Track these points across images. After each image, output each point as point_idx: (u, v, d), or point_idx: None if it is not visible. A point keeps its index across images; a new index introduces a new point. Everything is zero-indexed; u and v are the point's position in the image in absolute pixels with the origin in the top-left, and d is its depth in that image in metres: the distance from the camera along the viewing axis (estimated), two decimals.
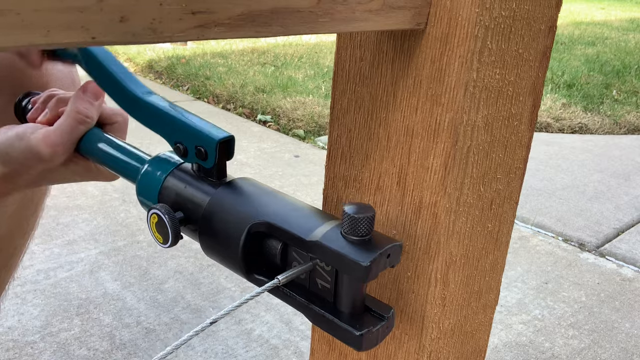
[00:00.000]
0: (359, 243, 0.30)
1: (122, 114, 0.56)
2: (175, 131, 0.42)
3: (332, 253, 0.30)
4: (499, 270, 0.43)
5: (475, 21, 0.27)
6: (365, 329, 0.31)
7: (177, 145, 0.42)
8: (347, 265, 0.29)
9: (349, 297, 0.32)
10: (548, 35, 0.32)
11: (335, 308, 0.33)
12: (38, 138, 0.49)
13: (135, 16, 0.19)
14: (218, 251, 0.38)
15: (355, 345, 0.31)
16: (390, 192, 0.35)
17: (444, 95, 0.30)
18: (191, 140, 0.41)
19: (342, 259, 0.29)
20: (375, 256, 0.29)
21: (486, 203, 0.36)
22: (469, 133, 0.31)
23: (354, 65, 0.34)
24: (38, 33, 0.18)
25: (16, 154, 0.50)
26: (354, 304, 0.32)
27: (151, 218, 0.40)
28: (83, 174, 0.54)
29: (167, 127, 0.43)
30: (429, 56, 0.30)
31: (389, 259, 0.30)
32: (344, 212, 0.30)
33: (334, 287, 0.33)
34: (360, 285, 0.32)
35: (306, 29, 0.24)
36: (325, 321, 0.32)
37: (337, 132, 0.38)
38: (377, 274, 0.30)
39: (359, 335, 0.31)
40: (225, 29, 0.22)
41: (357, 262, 0.29)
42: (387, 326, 0.33)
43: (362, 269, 0.29)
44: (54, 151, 0.50)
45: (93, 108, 0.52)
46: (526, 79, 0.33)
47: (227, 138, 0.40)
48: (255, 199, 0.37)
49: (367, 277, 0.29)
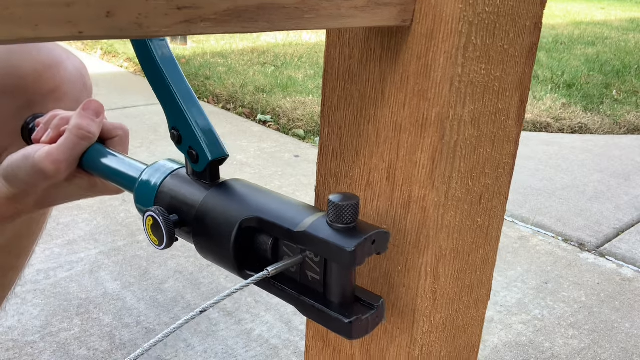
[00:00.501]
0: (344, 230, 0.31)
1: (123, 127, 0.58)
2: (177, 118, 0.43)
3: (319, 241, 0.31)
4: (490, 265, 0.43)
5: (459, 17, 0.28)
6: (354, 317, 0.32)
7: (172, 131, 0.43)
8: (333, 252, 0.30)
9: (338, 286, 0.33)
10: (534, 31, 0.33)
11: (326, 299, 0.33)
12: (42, 156, 0.51)
13: (121, 11, 0.19)
14: (211, 250, 0.39)
15: (345, 333, 0.32)
16: (380, 187, 0.36)
17: (430, 90, 0.30)
18: (188, 138, 0.42)
19: (328, 246, 0.30)
20: (359, 241, 0.30)
21: (475, 197, 0.36)
22: (456, 128, 0.31)
23: (343, 63, 0.35)
24: (27, 27, 0.18)
25: (23, 174, 0.52)
26: (344, 293, 0.33)
27: (147, 221, 0.41)
28: (89, 189, 0.55)
29: (172, 110, 0.43)
30: (415, 52, 0.30)
31: (374, 245, 0.31)
32: (329, 201, 0.31)
33: (323, 278, 0.33)
34: (348, 274, 0.33)
35: (292, 25, 0.25)
36: (316, 312, 0.33)
37: (328, 129, 0.38)
38: (364, 260, 0.30)
39: (348, 323, 0.31)
40: (212, 24, 0.22)
41: (342, 248, 0.29)
42: (377, 315, 0.33)
43: (348, 254, 0.29)
44: (57, 168, 0.51)
45: (94, 124, 0.53)
46: (512, 75, 0.33)
47: (221, 158, 0.42)
48: (245, 197, 0.38)
49: (353, 262, 0.30)
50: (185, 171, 0.44)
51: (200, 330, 1.13)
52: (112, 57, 3.85)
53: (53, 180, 0.52)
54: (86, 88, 0.72)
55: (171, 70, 0.44)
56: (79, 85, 0.70)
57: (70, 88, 0.69)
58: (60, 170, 0.51)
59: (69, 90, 0.69)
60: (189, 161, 0.43)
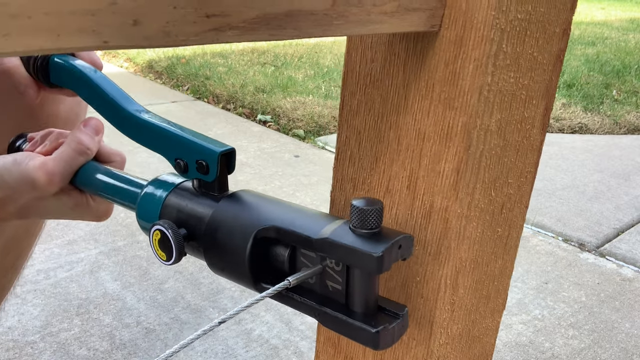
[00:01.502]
0: (368, 236, 0.30)
1: (120, 154, 0.56)
2: (174, 147, 0.42)
3: (343, 248, 0.30)
4: (507, 274, 0.42)
5: (491, 24, 0.27)
6: (381, 326, 0.31)
7: (177, 162, 0.42)
8: (358, 258, 0.29)
9: (362, 295, 0.32)
10: (562, 38, 0.32)
11: (348, 309, 0.32)
12: (35, 165, 0.49)
13: (149, 19, 0.18)
14: (224, 263, 0.37)
15: (372, 344, 0.31)
16: (400, 195, 0.35)
17: (457, 99, 0.29)
18: (192, 155, 0.41)
19: (353, 252, 0.29)
20: (387, 246, 0.28)
21: (497, 207, 0.35)
22: (482, 137, 0.30)
23: (365, 67, 0.34)
24: (48, 37, 0.17)
25: (11, 179, 0.49)
26: (367, 303, 0.32)
27: (154, 235, 0.39)
28: (72, 208, 0.53)
29: (166, 144, 0.43)
30: (442, 59, 0.29)
31: (400, 250, 0.30)
32: (352, 206, 0.30)
33: (345, 288, 0.32)
34: (372, 282, 0.31)
35: (320, 32, 0.24)
36: (339, 322, 0.32)
37: (346, 133, 0.37)
38: (390, 265, 0.29)
39: (375, 333, 0.30)
40: (240, 32, 0.21)
41: (369, 253, 0.28)
42: (402, 325, 0.32)
43: (375, 259, 0.28)
44: (50, 180, 0.49)
45: (93, 141, 0.51)
46: (540, 83, 0.32)
47: (228, 150, 0.41)
48: (259, 206, 0.37)
49: (380, 268, 0.28)
50: (191, 184, 0.42)
51: None
52: (112, 57, 3.82)
53: (41, 192, 0.49)
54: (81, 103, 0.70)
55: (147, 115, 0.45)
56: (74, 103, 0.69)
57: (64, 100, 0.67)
58: (53, 182, 0.49)
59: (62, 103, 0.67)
60: (199, 175, 0.41)
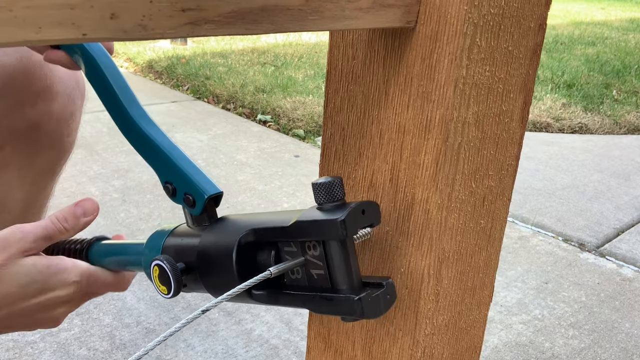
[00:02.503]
0: (333, 208, 0.31)
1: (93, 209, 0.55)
2: (168, 171, 0.44)
3: (311, 225, 0.31)
4: (492, 267, 0.43)
5: (464, 18, 0.27)
6: (363, 293, 0.31)
7: (166, 185, 0.45)
8: (325, 228, 0.30)
9: (342, 270, 0.32)
10: (538, 32, 0.33)
11: (335, 289, 0.33)
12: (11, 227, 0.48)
13: (126, 13, 0.19)
14: (218, 278, 0.39)
15: (357, 312, 0.31)
16: (383, 189, 0.36)
17: (434, 92, 0.30)
18: (182, 186, 0.44)
19: (320, 225, 0.31)
20: (349, 210, 0.30)
21: (478, 199, 0.36)
22: (460, 129, 0.31)
23: (347, 64, 0.35)
24: (30, 29, 0.18)
25: None
26: (349, 275, 0.32)
27: (153, 272, 0.41)
28: None
29: (161, 165, 0.45)
30: (419, 54, 0.30)
31: (365, 216, 0.31)
32: (312, 185, 0.31)
33: (327, 270, 0.33)
34: (348, 253, 0.32)
35: (296, 27, 0.25)
36: (327, 303, 0.33)
37: (331, 130, 0.38)
38: (356, 230, 0.31)
39: (357, 300, 0.31)
40: (215, 26, 0.22)
41: (332, 220, 0.30)
42: (387, 293, 0.33)
43: (338, 224, 0.29)
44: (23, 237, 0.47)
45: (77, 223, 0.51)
46: (517, 76, 0.33)
47: (216, 194, 0.43)
48: (239, 220, 0.39)
49: (345, 233, 0.30)
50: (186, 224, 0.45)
51: (200, 330, 1.13)
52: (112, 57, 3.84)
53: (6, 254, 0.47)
54: (79, 86, 0.71)
55: (151, 128, 0.46)
56: (71, 83, 0.69)
57: (62, 87, 0.68)
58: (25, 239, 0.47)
59: (60, 90, 0.68)
60: (186, 209, 0.44)
